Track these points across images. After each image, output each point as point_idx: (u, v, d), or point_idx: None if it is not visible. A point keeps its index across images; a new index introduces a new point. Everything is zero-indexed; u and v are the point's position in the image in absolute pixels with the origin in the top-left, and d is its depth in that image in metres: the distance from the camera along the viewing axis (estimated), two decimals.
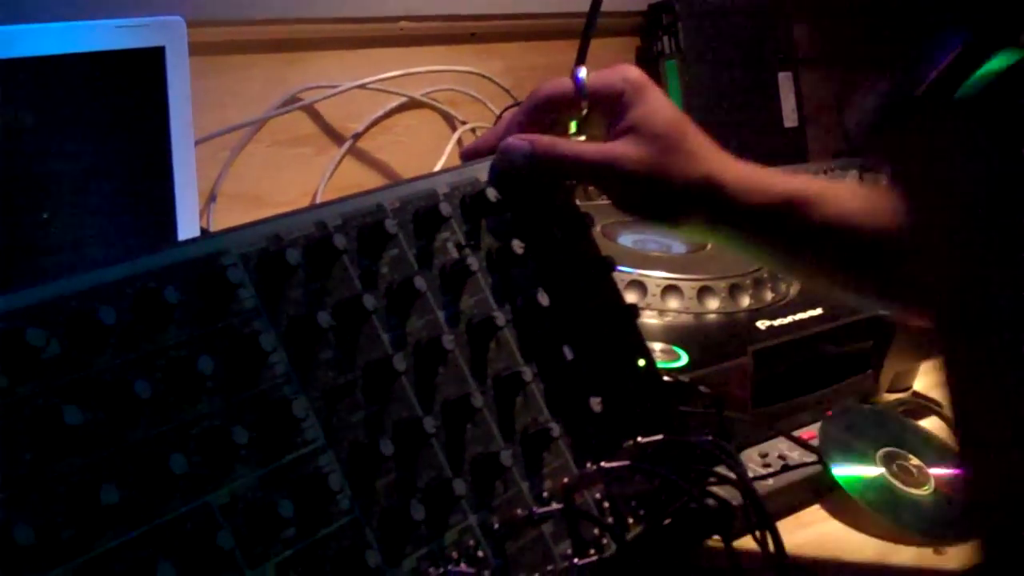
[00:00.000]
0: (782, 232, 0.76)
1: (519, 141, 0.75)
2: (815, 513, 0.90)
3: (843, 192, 0.77)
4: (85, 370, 0.52)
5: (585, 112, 0.77)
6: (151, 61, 0.96)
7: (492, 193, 0.73)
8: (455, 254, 0.70)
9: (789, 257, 0.80)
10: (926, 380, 1.11)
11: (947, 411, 1.05)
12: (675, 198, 0.74)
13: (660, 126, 0.73)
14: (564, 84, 0.77)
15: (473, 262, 0.69)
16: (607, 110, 0.76)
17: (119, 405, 0.53)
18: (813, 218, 0.74)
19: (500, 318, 0.69)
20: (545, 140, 0.75)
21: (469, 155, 0.78)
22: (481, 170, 0.75)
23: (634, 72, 0.76)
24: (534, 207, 0.76)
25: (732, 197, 0.74)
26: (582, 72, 0.76)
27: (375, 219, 0.66)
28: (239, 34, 1.24)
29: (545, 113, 0.78)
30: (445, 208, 0.69)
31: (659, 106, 0.74)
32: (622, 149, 0.73)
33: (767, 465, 0.91)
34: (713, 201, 0.74)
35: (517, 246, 0.72)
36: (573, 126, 0.79)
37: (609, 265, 0.78)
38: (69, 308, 0.53)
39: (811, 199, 0.74)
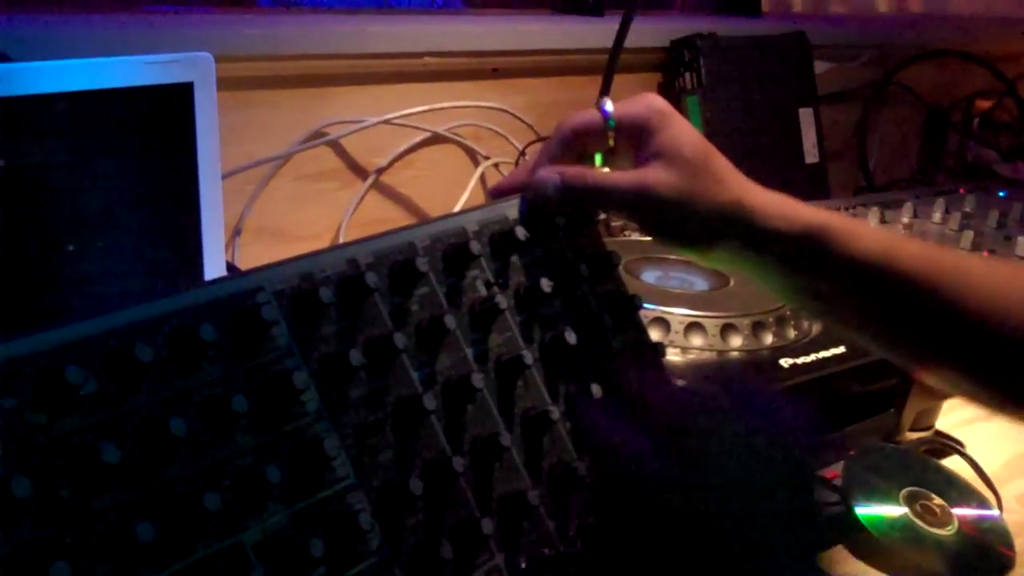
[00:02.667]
0: (808, 262, 0.75)
1: (550, 173, 0.75)
2: (838, 553, 0.90)
3: (871, 231, 0.77)
4: (122, 407, 0.53)
5: (612, 143, 0.77)
6: (180, 97, 0.96)
7: (521, 231, 0.73)
8: (484, 292, 0.70)
9: (812, 290, 0.78)
10: (948, 419, 1.11)
11: (969, 451, 1.05)
12: (707, 222, 0.74)
13: (688, 151, 0.74)
14: (591, 116, 0.77)
15: (502, 300, 0.69)
16: (633, 139, 0.76)
17: (155, 443, 0.53)
18: (838, 251, 0.74)
19: (528, 356, 0.69)
20: (575, 171, 0.75)
21: (497, 193, 0.78)
22: (510, 207, 0.75)
23: (658, 100, 0.76)
24: (562, 245, 0.76)
25: (762, 222, 0.74)
26: (608, 104, 0.76)
27: (406, 257, 0.67)
28: (266, 70, 1.25)
29: (573, 146, 0.78)
30: (475, 246, 0.70)
31: (685, 132, 0.75)
32: (653, 175, 0.73)
33: None
34: (744, 225, 0.74)
35: (545, 284, 0.72)
36: (598, 159, 0.80)
37: (635, 303, 0.78)
38: (106, 346, 0.54)
39: (838, 232, 0.74)
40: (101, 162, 0.94)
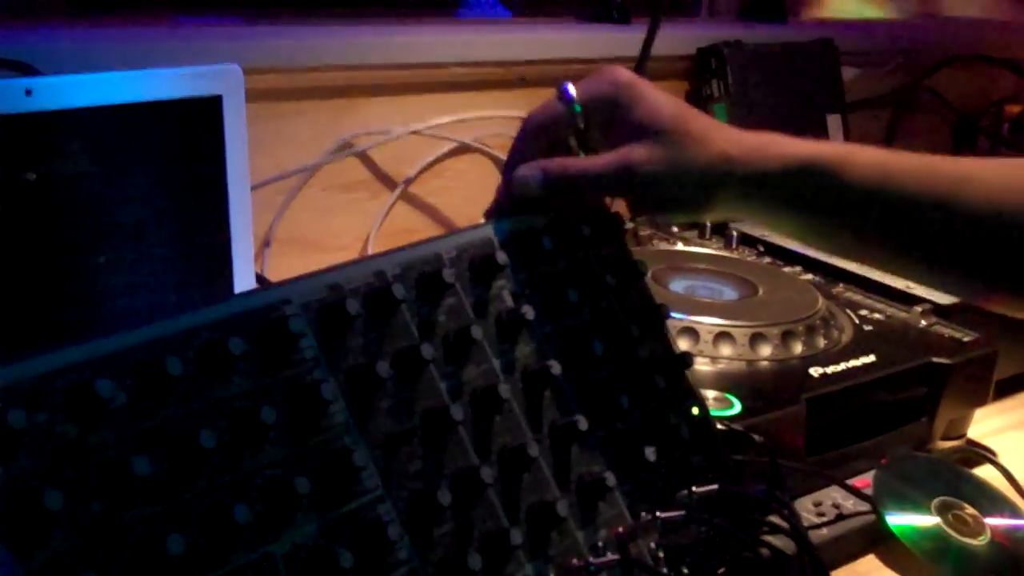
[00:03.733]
0: (805, 198, 0.74)
1: (530, 170, 0.74)
2: (870, 563, 0.89)
3: (864, 153, 0.75)
4: (152, 420, 0.53)
5: (583, 126, 0.76)
6: (209, 109, 0.97)
7: (547, 242, 0.73)
8: (510, 303, 0.71)
9: (814, 224, 0.78)
10: (980, 428, 1.10)
11: (1002, 459, 1.04)
12: (698, 185, 0.74)
13: (664, 120, 0.73)
14: (554, 105, 0.76)
15: (528, 311, 0.69)
16: (603, 118, 0.75)
17: (185, 455, 0.54)
18: (834, 181, 0.72)
19: (555, 367, 0.69)
20: (555, 163, 0.74)
21: (490, 216, 0.77)
22: (536, 219, 0.75)
23: (621, 73, 0.75)
24: (588, 255, 0.76)
25: (752, 169, 0.73)
26: (570, 87, 0.75)
27: (433, 268, 0.67)
28: (294, 81, 1.26)
29: (542, 139, 0.77)
30: (501, 257, 0.70)
31: (656, 100, 0.74)
32: (635, 153, 0.72)
33: (821, 514, 0.90)
34: (735, 177, 0.73)
35: (572, 294, 0.72)
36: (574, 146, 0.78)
37: (663, 313, 0.78)
38: (136, 359, 0.54)
39: (830, 161, 0.73)
40: (131, 174, 0.94)
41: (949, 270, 0.75)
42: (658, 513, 0.71)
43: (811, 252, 1.29)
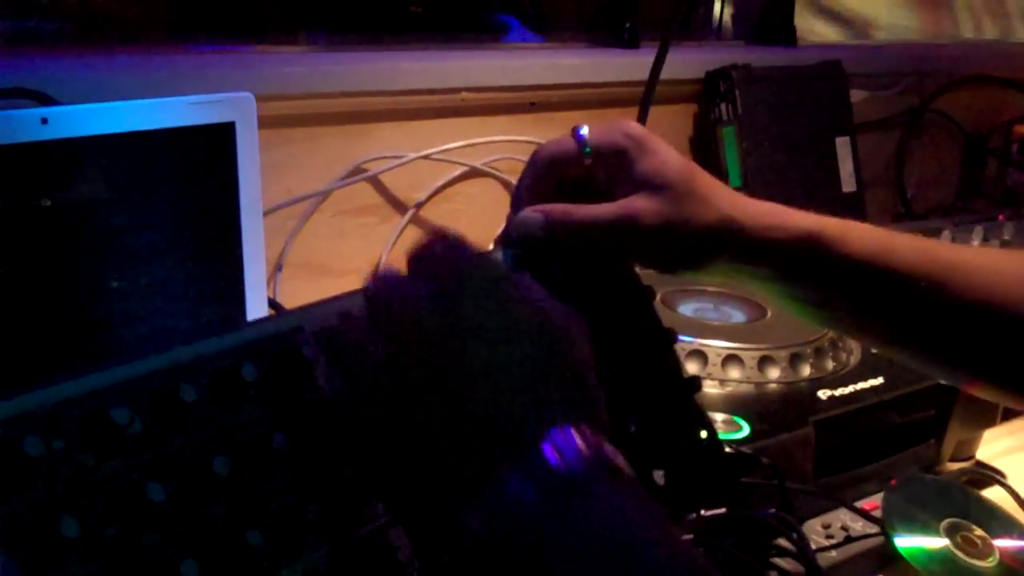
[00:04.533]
0: (804, 269, 0.74)
1: (533, 213, 0.74)
2: None
3: (865, 230, 0.76)
4: (166, 447, 0.54)
5: (589, 164, 0.76)
6: (222, 136, 0.98)
7: (556, 268, 0.74)
8: None
9: (811, 296, 0.78)
10: (989, 449, 1.11)
11: (1010, 481, 1.05)
12: (698, 244, 0.74)
13: (670, 176, 0.73)
14: (566, 143, 0.76)
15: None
16: (611, 167, 0.75)
17: (198, 481, 0.54)
18: (834, 255, 0.73)
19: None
20: (559, 209, 0.74)
21: (499, 243, 0.77)
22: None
23: (634, 127, 0.75)
24: (596, 280, 0.77)
25: (752, 236, 0.73)
26: (584, 129, 0.75)
27: None
28: (306, 107, 1.27)
29: (550, 175, 0.77)
30: None
31: (665, 156, 0.74)
32: (638, 205, 0.72)
33: (830, 536, 0.91)
34: (734, 242, 0.74)
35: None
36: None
37: (671, 337, 0.79)
38: (151, 386, 0.55)
39: (832, 236, 0.73)
40: (145, 201, 0.95)
41: (937, 353, 0.76)
42: None
43: None
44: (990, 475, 1.06)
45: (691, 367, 1.00)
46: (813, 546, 0.87)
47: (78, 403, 0.52)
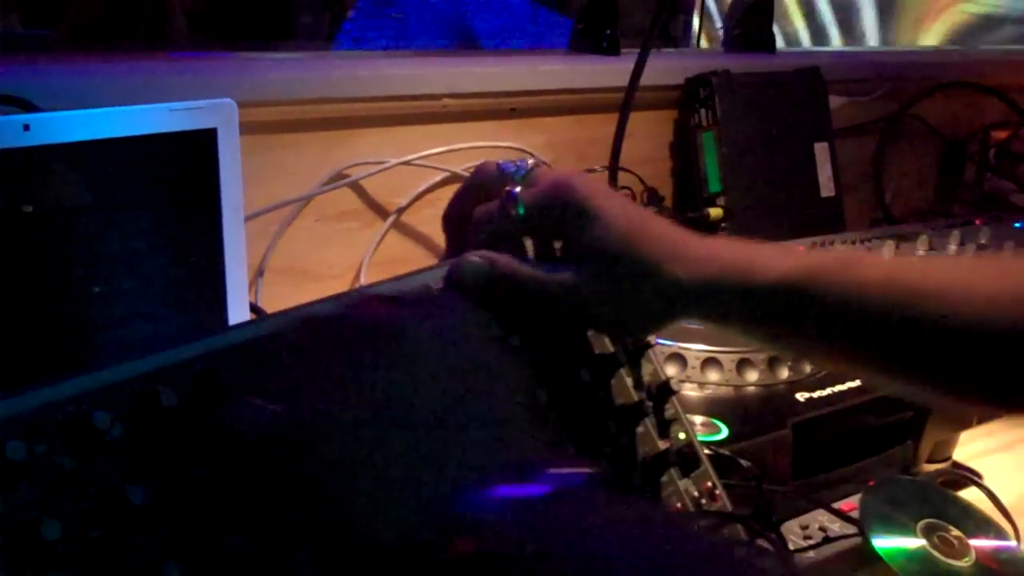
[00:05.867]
0: (771, 325, 0.71)
1: (477, 258, 0.69)
2: None
3: (835, 273, 0.70)
4: (147, 451, 0.55)
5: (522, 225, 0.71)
6: (204, 142, 0.99)
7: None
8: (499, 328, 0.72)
9: (785, 345, 0.77)
10: (966, 450, 1.12)
11: (987, 482, 1.06)
12: (641, 316, 0.71)
13: (612, 246, 0.68)
14: (495, 174, 0.73)
15: (515, 340, 0.71)
16: (547, 231, 0.71)
17: (180, 486, 0.55)
18: (805, 306, 0.69)
19: (543, 395, 0.70)
20: (504, 261, 0.69)
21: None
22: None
23: (574, 189, 0.69)
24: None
25: (709, 300, 0.70)
26: (518, 190, 0.70)
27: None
28: (288, 113, 1.27)
29: (480, 197, 0.74)
30: None
31: (607, 222, 0.68)
32: (580, 276, 0.68)
33: (808, 537, 0.91)
34: (687, 309, 0.71)
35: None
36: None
37: (648, 342, 0.80)
38: (132, 391, 0.55)
39: (803, 285, 0.68)
40: (126, 207, 0.96)
41: (925, 380, 0.73)
42: None
43: None
44: (966, 476, 1.07)
45: (670, 370, 1.01)
46: (791, 546, 0.88)
47: (60, 407, 0.53)
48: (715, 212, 1.56)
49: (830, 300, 0.68)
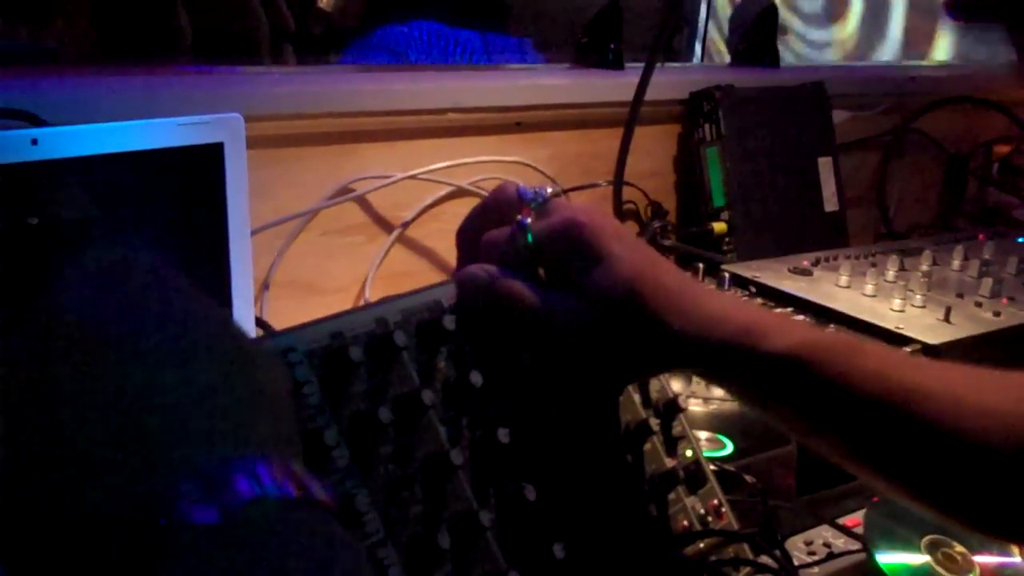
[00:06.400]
0: (773, 396, 0.71)
1: (483, 273, 0.70)
2: None
3: (832, 355, 0.68)
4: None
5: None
6: (211, 156, 0.99)
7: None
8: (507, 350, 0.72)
9: (774, 416, 0.74)
10: None
11: None
12: (637, 366, 0.72)
13: (616, 294, 0.67)
14: (515, 198, 0.73)
15: (526, 358, 0.71)
16: (553, 263, 0.71)
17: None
18: (800, 385, 0.68)
19: (553, 412, 0.71)
20: (507, 283, 0.69)
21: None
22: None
23: (585, 226, 0.68)
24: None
25: (710, 363, 0.70)
26: (529, 220, 0.70)
27: (433, 316, 0.69)
28: (294, 128, 1.28)
29: (495, 219, 0.74)
30: None
31: (612, 265, 0.67)
32: (583, 318, 0.68)
33: (812, 553, 0.92)
34: (683, 365, 0.72)
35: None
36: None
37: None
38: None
39: (806, 360, 0.67)
40: (133, 220, 0.96)
41: (898, 480, 0.71)
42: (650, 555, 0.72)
43: (803, 293, 1.31)
44: None
45: (675, 386, 1.01)
46: (795, 562, 0.88)
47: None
48: (719, 227, 1.56)
49: (824, 380, 0.67)
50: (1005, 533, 0.72)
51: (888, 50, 2.88)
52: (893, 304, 1.28)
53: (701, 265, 1.43)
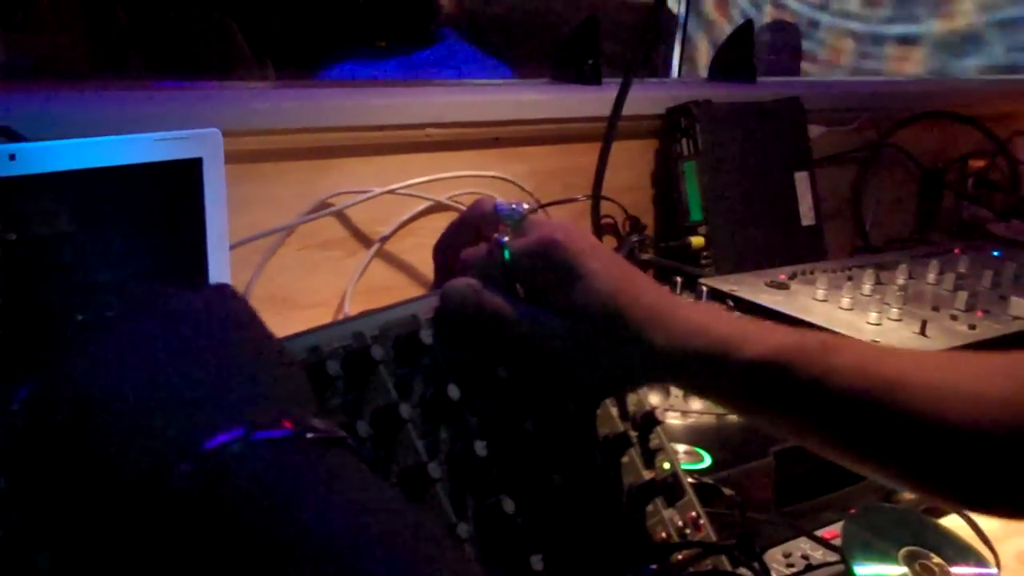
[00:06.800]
0: (751, 402, 0.72)
1: (466, 288, 0.71)
2: None
3: (808, 357, 0.70)
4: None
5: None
6: (189, 172, 0.99)
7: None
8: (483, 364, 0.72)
9: (757, 421, 0.77)
10: None
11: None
12: (616, 379, 0.73)
13: (594, 310, 0.68)
14: (492, 212, 0.74)
15: (503, 372, 0.71)
16: (531, 281, 0.72)
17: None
18: (778, 389, 0.69)
19: (529, 424, 0.71)
20: (489, 298, 0.70)
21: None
22: None
23: (562, 245, 0.69)
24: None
25: (688, 374, 0.70)
26: (506, 238, 0.71)
27: (410, 330, 0.69)
28: (273, 143, 1.28)
29: (471, 234, 0.76)
30: None
31: (592, 282, 0.68)
32: (559, 331, 0.69)
33: (790, 565, 0.92)
34: (664, 378, 0.73)
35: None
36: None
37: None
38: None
39: (782, 364, 0.68)
40: (112, 236, 0.96)
41: (886, 468, 0.73)
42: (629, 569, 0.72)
43: (780, 307, 1.31)
44: None
45: (653, 399, 1.02)
46: (774, 575, 0.88)
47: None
48: (696, 241, 1.57)
49: (804, 382, 0.68)
50: (995, 509, 0.73)
51: None
52: (870, 318, 1.29)
53: (679, 279, 1.43)
